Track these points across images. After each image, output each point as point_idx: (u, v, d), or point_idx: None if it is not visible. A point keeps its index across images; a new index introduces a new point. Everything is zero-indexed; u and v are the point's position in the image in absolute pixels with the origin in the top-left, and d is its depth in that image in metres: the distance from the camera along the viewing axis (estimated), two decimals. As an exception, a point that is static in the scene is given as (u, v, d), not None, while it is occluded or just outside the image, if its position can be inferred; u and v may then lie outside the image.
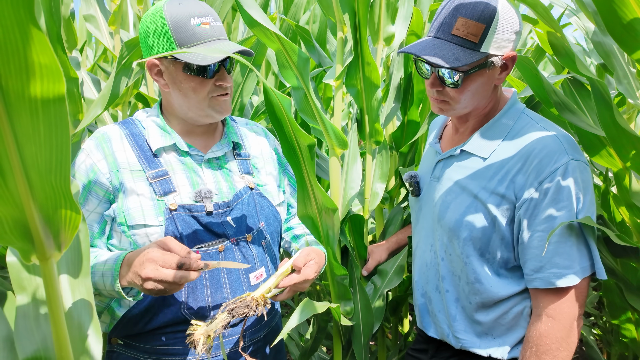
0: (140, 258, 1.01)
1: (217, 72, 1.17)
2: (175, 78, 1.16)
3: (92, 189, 1.16)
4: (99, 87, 2.36)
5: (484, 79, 1.16)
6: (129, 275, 1.03)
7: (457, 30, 1.10)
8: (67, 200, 0.59)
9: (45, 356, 0.72)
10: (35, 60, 0.43)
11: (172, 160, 1.22)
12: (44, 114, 0.48)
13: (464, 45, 1.10)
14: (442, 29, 1.13)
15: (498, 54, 1.12)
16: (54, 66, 0.44)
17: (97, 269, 1.10)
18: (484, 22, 1.09)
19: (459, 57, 1.09)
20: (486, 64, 1.13)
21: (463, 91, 1.16)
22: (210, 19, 1.14)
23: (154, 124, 1.24)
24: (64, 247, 0.65)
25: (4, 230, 0.58)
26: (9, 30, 0.40)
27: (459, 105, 1.19)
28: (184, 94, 1.17)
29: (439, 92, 1.19)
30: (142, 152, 1.20)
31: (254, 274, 1.27)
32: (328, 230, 1.37)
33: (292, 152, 1.18)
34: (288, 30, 2.79)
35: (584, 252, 1.11)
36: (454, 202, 1.23)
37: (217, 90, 1.18)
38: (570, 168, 1.09)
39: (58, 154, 0.53)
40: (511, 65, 1.17)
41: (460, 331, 1.26)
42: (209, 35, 1.13)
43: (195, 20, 1.12)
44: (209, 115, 1.21)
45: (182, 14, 1.11)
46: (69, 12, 2.24)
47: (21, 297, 0.73)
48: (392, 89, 2.06)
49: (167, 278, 0.98)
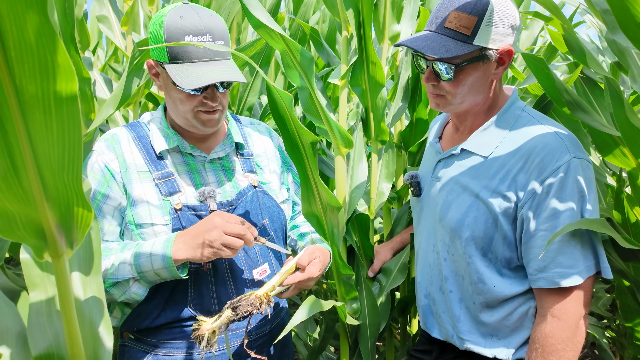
0: (203, 226, 1.11)
1: (206, 89, 1.17)
2: (166, 85, 1.18)
3: (112, 187, 1.18)
4: (111, 87, 2.39)
5: (479, 73, 1.15)
6: (187, 244, 1.11)
7: (449, 23, 1.11)
8: (79, 198, 0.60)
9: (58, 352, 0.73)
10: (49, 60, 0.44)
11: (176, 162, 1.25)
12: (57, 113, 0.49)
13: (456, 37, 1.11)
14: (435, 22, 1.14)
15: (493, 47, 1.12)
16: (67, 65, 0.45)
17: (144, 250, 1.14)
18: (476, 15, 1.09)
19: (450, 49, 1.10)
20: (480, 57, 1.12)
21: (458, 85, 1.16)
22: (207, 38, 1.13)
23: (157, 127, 1.27)
24: (76, 244, 0.66)
25: (17, 227, 0.59)
26: (23, 30, 0.41)
27: (456, 100, 1.19)
28: (173, 102, 1.20)
29: (435, 86, 1.19)
30: (149, 154, 1.23)
31: (257, 269, 1.28)
32: (333, 229, 1.37)
33: (295, 149, 1.19)
34: (298, 30, 2.80)
35: (589, 251, 1.10)
36: (455, 202, 1.22)
37: (204, 107, 1.18)
38: (573, 166, 1.08)
39: (70, 152, 0.53)
40: (508, 61, 1.16)
41: (464, 332, 1.25)
42: (201, 56, 1.12)
43: (190, 39, 1.11)
44: (194, 127, 1.22)
45: (178, 29, 1.11)
46: (82, 13, 2.27)
47: (34, 294, 0.74)
48: (400, 88, 2.05)
49: (230, 242, 1.09)
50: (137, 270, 1.12)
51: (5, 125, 0.48)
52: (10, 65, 0.43)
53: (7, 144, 0.49)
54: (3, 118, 0.47)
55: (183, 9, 1.13)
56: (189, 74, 1.10)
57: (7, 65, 0.43)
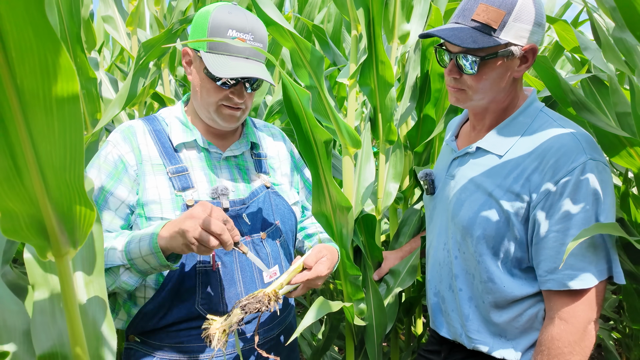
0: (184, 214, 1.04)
1: (235, 85, 1.19)
2: (198, 73, 1.20)
3: (122, 180, 1.19)
4: (117, 87, 2.40)
5: (502, 68, 1.15)
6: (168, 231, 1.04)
7: (477, 15, 1.12)
8: (82, 197, 0.60)
9: (61, 351, 0.73)
10: (50, 60, 0.44)
11: (191, 157, 1.26)
12: (58, 113, 0.49)
13: (483, 30, 1.11)
14: (463, 14, 1.15)
15: (518, 43, 1.12)
16: (68, 65, 0.45)
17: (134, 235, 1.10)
18: (504, 9, 1.09)
19: (477, 40, 1.10)
20: (505, 52, 1.12)
21: (480, 79, 1.15)
22: (249, 37, 1.16)
23: (177, 120, 1.28)
24: (78, 244, 0.66)
25: (20, 227, 0.59)
26: (23, 31, 0.41)
27: (476, 95, 1.18)
28: (200, 91, 1.21)
29: (456, 80, 1.19)
30: (164, 148, 1.24)
31: (267, 271, 1.28)
32: (342, 229, 1.37)
33: (309, 148, 1.18)
34: (303, 29, 2.80)
35: (601, 255, 1.08)
36: (468, 200, 1.21)
37: (228, 101, 1.20)
38: (588, 168, 1.06)
39: (72, 152, 0.54)
40: (532, 58, 1.16)
41: (473, 331, 1.24)
42: (239, 51, 1.16)
43: (232, 33, 1.15)
44: (213, 120, 1.24)
45: (223, 23, 1.14)
46: (89, 13, 2.29)
47: (38, 293, 0.74)
48: (407, 87, 2.04)
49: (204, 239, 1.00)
50: (127, 257, 1.09)
51: (7, 126, 0.48)
52: (11, 65, 0.44)
53: (9, 144, 0.50)
54: (5, 118, 0.48)
55: (232, 7, 1.19)
56: (224, 65, 1.12)
57: (8, 66, 0.44)
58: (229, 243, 1.02)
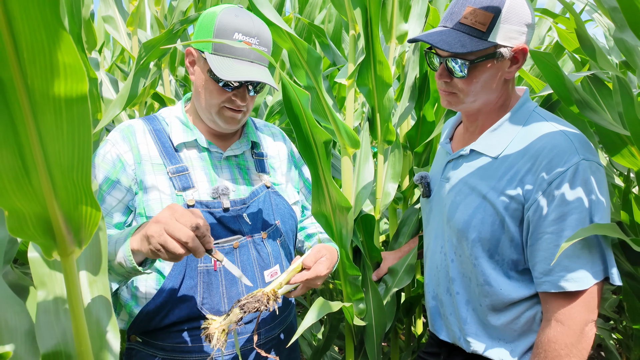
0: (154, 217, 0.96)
1: (238, 88, 1.19)
2: (201, 74, 1.20)
3: (120, 179, 1.19)
4: (117, 88, 2.40)
5: (493, 70, 1.14)
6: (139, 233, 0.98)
7: (465, 18, 1.11)
8: (88, 197, 0.60)
9: (65, 350, 0.73)
10: (60, 60, 0.44)
11: (192, 157, 1.25)
12: (67, 113, 0.50)
13: (471, 33, 1.10)
14: (451, 17, 1.14)
15: (507, 45, 1.11)
16: (78, 66, 0.46)
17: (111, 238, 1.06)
18: (492, 12, 1.08)
19: (465, 44, 1.09)
20: (494, 54, 1.11)
21: (471, 82, 1.15)
22: (254, 41, 1.16)
23: (177, 120, 1.28)
24: (84, 243, 0.66)
25: (27, 226, 0.59)
26: (36, 31, 0.41)
27: (468, 98, 1.18)
28: (202, 92, 1.21)
29: (447, 83, 1.18)
30: (164, 148, 1.23)
31: (268, 271, 1.28)
32: (341, 229, 1.37)
33: (308, 148, 1.18)
34: (303, 29, 2.80)
35: (597, 256, 1.08)
36: (463, 203, 1.21)
37: (230, 104, 1.20)
38: (581, 168, 1.06)
39: (80, 152, 0.54)
40: (522, 59, 1.15)
41: (471, 334, 1.24)
42: (244, 55, 1.15)
43: (238, 36, 1.14)
44: (214, 121, 1.24)
45: (230, 25, 1.14)
46: (89, 13, 2.29)
47: (42, 293, 0.74)
48: (406, 88, 2.05)
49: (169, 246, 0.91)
50: None
51: (16, 126, 0.48)
52: (22, 66, 0.44)
53: (19, 145, 0.50)
54: (15, 118, 0.48)
55: (239, 10, 1.18)
56: (229, 68, 1.12)
57: (20, 66, 0.44)
58: (198, 251, 0.93)
